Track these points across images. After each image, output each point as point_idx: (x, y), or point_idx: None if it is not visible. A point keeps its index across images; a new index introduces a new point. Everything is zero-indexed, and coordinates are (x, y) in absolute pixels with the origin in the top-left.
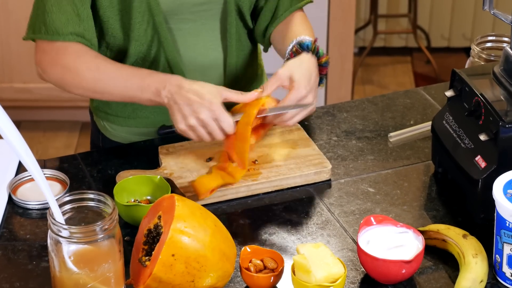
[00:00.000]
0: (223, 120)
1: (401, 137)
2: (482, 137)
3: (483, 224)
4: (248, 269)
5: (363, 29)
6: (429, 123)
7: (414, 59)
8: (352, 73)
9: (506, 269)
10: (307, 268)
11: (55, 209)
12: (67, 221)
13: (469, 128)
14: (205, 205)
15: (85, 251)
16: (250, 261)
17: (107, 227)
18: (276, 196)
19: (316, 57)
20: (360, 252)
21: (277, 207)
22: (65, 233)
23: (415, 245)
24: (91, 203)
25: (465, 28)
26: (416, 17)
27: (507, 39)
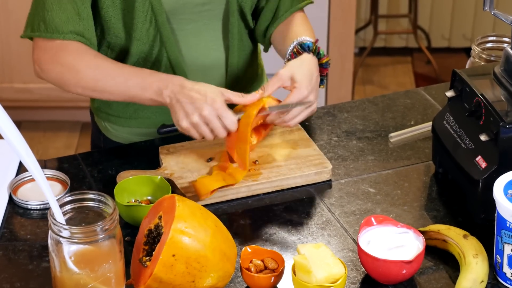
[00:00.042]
0: (225, 117)
1: (401, 138)
2: (482, 137)
3: (483, 224)
4: (248, 269)
5: (363, 29)
6: (429, 123)
7: (415, 60)
8: (352, 73)
9: (506, 269)
10: (308, 269)
11: (55, 209)
12: (67, 221)
13: (469, 129)
14: (205, 206)
15: (85, 251)
16: (251, 261)
17: (107, 227)
18: (277, 197)
19: (317, 57)
20: (361, 253)
21: (277, 207)
22: (65, 233)
23: (415, 245)
24: (92, 203)
25: (465, 29)
26: (417, 17)
27: (507, 39)
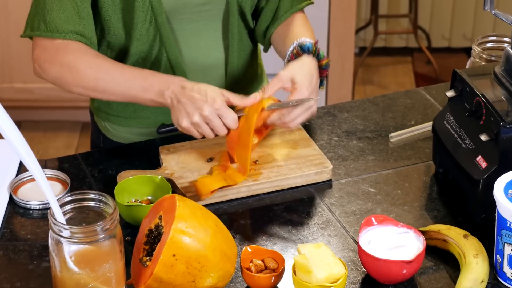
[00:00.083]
0: (226, 116)
1: (402, 137)
2: (483, 137)
3: (484, 224)
4: (249, 269)
5: (363, 29)
6: (430, 123)
7: (415, 59)
8: (352, 73)
9: (507, 269)
10: (308, 268)
11: (56, 209)
12: (68, 221)
13: (470, 128)
14: (206, 205)
15: (86, 251)
16: (251, 261)
17: (108, 227)
18: (277, 196)
19: (316, 59)
20: (361, 252)
21: (278, 207)
22: (66, 233)
23: (416, 245)
24: (92, 203)
25: (465, 28)
26: (417, 17)
27: (508, 39)
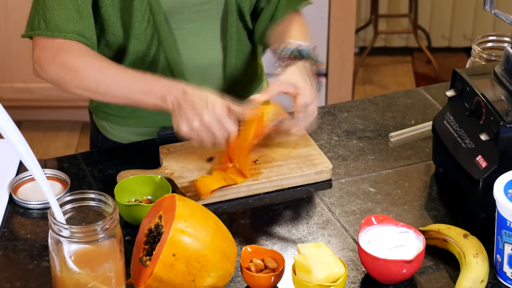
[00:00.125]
0: (226, 122)
1: (401, 137)
2: (483, 137)
3: (483, 224)
4: (249, 268)
5: (363, 29)
6: (429, 123)
7: (415, 59)
8: (352, 73)
9: (507, 268)
10: (308, 268)
11: (55, 208)
12: (68, 220)
13: (470, 128)
14: (205, 205)
15: (86, 250)
16: (251, 261)
17: (107, 226)
18: (277, 196)
19: (315, 64)
20: (361, 252)
21: (277, 207)
22: (66, 232)
23: (415, 245)
24: (92, 203)
25: (465, 28)
26: (417, 17)
27: (508, 39)
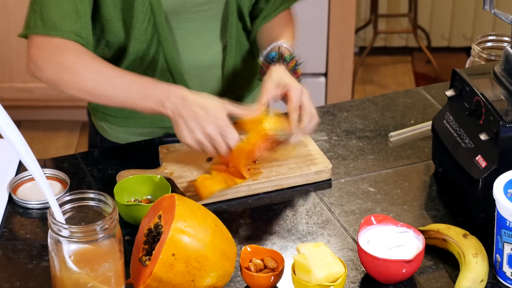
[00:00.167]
0: (228, 136)
1: (401, 137)
2: (482, 136)
3: (483, 223)
4: (248, 268)
5: (363, 28)
6: (429, 122)
7: (415, 59)
8: (352, 73)
9: (506, 268)
10: (308, 268)
11: (55, 208)
12: (67, 220)
13: (469, 128)
14: (205, 205)
15: (85, 250)
16: (251, 261)
17: (107, 226)
18: (277, 196)
19: (284, 63)
20: (361, 252)
21: (277, 206)
22: (65, 232)
23: (415, 244)
24: (92, 203)
25: (465, 28)
26: (417, 16)
27: (507, 38)
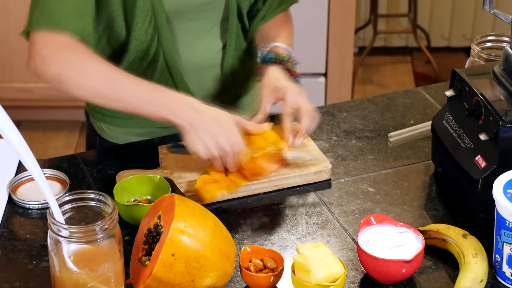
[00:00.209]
0: (240, 152)
1: (401, 137)
2: (482, 136)
3: (483, 223)
4: (248, 268)
5: (363, 29)
6: (429, 122)
7: (414, 59)
8: (352, 73)
9: (506, 268)
10: (307, 268)
11: (55, 208)
12: (67, 220)
13: (469, 128)
14: (205, 205)
15: (85, 250)
16: (250, 261)
17: (107, 226)
18: (276, 196)
19: (281, 63)
20: (360, 252)
21: (277, 206)
22: (65, 232)
23: (415, 244)
24: (91, 203)
25: (465, 28)
26: (416, 17)
27: (507, 38)
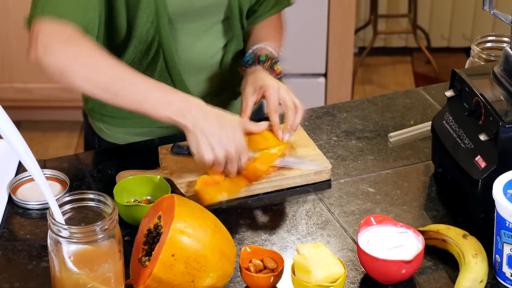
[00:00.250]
0: (243, 157)
1: (401, 137)
2: (482, 137)
3: (483, 224)
4: (248, 269)
5: (363, 29)
6: (429, 123)
7: (414, 59)
8: (352, 73)
9: (506, 269)
10: (307, 268)
11: (55, 209)
12: (67, 221)
13: (469, 128)
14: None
15: (85, 251)
16: (250, 261)
17: (107, 227)
18: (276, 196)
19: (260, 64)
20: (360, 252)
21: (277, 207)
22: (65, 233)
23: (415, 245)
24: (91, 203)
25: (465, 28)
26: (416, 17)
27: (507, 39)
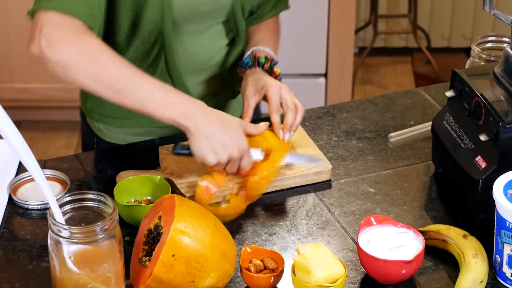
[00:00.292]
0: (245, 160)
1: (401, 137)
2: (482, 137)
3: (483, 224)
4: (248, 269)
5: (363, 29)
6: (429, 123)
7: (414, 59)
8: (352, 73)
9: (506, 269)
10: (307, 269)
11: (55, 209)
12: (67, 221)
13: (469, 128)
14: None
15: (85, 251)
16: (250, 261)
17: (107, 227)
18: (276, 196)
19: (259, 67)
20: (360, 253)
21: (277, 207)
22: (65, 233)
23: (415, 245)
24: (92, 203)
25: (465, 29)
26: (416, 17)
27: (507, 39)
